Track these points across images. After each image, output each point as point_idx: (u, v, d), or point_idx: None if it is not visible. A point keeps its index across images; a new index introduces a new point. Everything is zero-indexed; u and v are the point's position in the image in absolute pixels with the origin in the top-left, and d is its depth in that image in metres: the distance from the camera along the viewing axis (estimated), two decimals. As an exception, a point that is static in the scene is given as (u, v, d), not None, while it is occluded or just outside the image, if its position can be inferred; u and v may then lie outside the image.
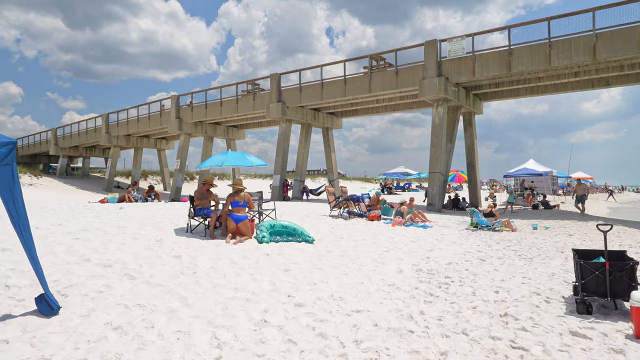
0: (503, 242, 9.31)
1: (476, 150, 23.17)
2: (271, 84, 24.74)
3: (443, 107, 19.08)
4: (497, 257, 7.28)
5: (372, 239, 8.69)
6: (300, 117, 25.07)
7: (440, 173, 18.83)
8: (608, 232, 5.48)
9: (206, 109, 28.27)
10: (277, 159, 24.93)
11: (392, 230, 10.11)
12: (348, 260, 6.57)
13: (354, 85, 21.53)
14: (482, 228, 11.46)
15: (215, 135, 31.92)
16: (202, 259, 5.91)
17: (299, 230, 7.89)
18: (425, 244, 8.53)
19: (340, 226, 10.05)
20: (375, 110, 26.19)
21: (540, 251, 8.03)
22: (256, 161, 8.12)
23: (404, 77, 19.91)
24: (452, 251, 7.77)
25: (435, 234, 10.03)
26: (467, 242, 8.96)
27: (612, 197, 43.06)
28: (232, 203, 7.55)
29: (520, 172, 25.78)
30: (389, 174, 37.23)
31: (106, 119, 35.90)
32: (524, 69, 16.92)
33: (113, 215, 9.15)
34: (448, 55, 18.63)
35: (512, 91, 21.62)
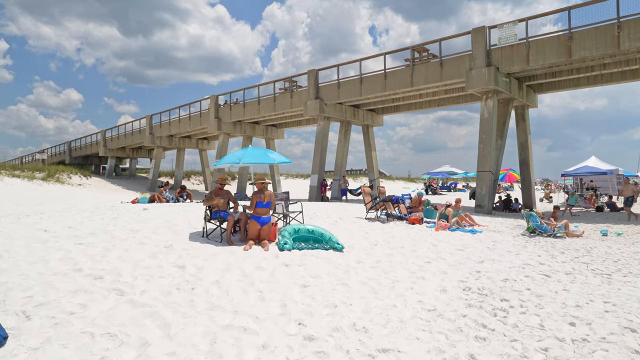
0: (569, 251, 7.90)
1: (530, 147, 21.23)
2: (308, 80, 23.97)
3: (493, 100, 17.46)
4: (564, 272, 5.99)
5: (411, 246, 7.59)
6: (339, 114, 24.12)
7: (490, 172, 17.24)
8: None
9: (244, 108, 27.97)
10: (314, 158, 24.12)
11: (435, 236, 8.94)
12: (381, 273, 5.55)
13: (395, 79, 20.30)
14: (540, 234, 10.01)
15: (254, 134, 31.64)
16: (208, 269, 5.11)
17: (327, 236, 6.96)
18: (474, 253, 7.32)
19: (376, 231, 9.00)
20: (418, 106, 24.77)
21: (618, 264, 6.61)
22: (278, 158, 7.26)
23: (449, 68, 18.45)
24: (508, 263, 6.53)
25: (486, 241, 8.75)
26: (524, 252, 7.64)
27: None
28: (257, 203, 6.73)
29: (580, 171, 23.46)
30: (434, 173, 35.46)
31: (150, 120, 36.64)
32: (586, 55, 15.05)
33: (132, 217, 8.62)
34: (498, 43, 17.01)
35: (571, 81, 19.54)
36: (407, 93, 21.44)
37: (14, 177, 27.67)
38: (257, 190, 6.80)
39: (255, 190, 6.81)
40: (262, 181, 6.82)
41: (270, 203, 6.85)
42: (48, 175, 31.18)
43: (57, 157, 48.03)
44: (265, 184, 6.83)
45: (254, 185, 6.83)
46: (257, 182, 6.81)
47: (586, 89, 20.40)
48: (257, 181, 6.83)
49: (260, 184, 6.82)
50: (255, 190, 6.81)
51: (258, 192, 6.77)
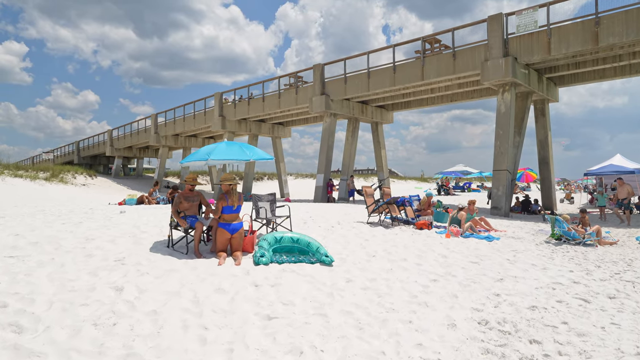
0: (605, 264, 6.63)
1: (550, 144, 19.77)
2: (314, 75, 22.86)
3: (510, 93, 16.11)
4: (607, 296, 4.76)
5: (416, 258, 6.41)
6: (346, 111, 22.97)
7: (508, 171, 15.89)
8: None
9: (249, 105, 27.00)
10: (320, 156, 23.01)
11: (445, 244, 7.74)
12: (373, 297, 4.41)
13: (405, 72, 19.05)
14: (567, 241, 8.73)
15: (260, 133, 30.68)
16: (152, 293, 4.04)
17: (315, 246, 5.84)
18: (492, 267, 6.12)
19: (377, 238, 7.85)
20: (430, 102, 23.46)
21: (671, 284, 5.35)
22: (256, 154, 6.15)
23: (462, 60, 17.14)
24: (534, 282, 5.32)
25: (505, 250, 7.52)
26: (552, 265, 6.40)
27: None
28: (224, 208, 5.65)
29: (604, 170, 21.85)
30: (446, 173, 34.00)
31: (155, 119, 35.98)
32: (615, 41, 13.63)
33: (99, 222, 7.62)
34: (517, 31, 15.65)
35: (596, 72, 18.04)
36: (418, 87, 20.20)
37: (17, 177, 27.19)
38: (223, 193, 5.70)
39: (222, 193, 5.71)
40: (230, 182, 5.72)
41: (240, 207, 5.76)
42: (52, 175, 30.71)
43: (65, 157, 47.84)
44: (232, 185, 5.73)
45: (221, 187, 5.73)
46: (224, 184, 5.70)
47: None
48: (223, 181, 5.72)
49: (226, 185, 5.71)
50: (222, 193, 5.71)
51: (225, 195, 5.66)
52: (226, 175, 5.78)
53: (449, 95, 22.28)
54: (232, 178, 5.75)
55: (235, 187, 5.74)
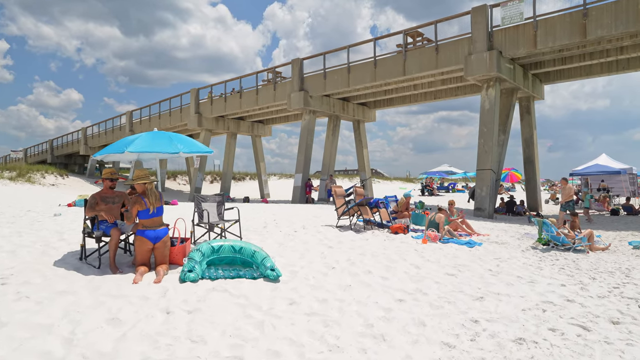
0: (600, 275, 5.76)
1: (535, 143, 19.09)
2: (292, 70, 21.86)
3: (495, 89, 15.34)
4: (609, 319, 3.86)
5: (383, 269, 5.46)
6: (326, 108, 22.02)
7: (492, 170, 15.10)
8: None
9: (225, 102, 25.87)
10: (298, 156, 22.02)
11: (420, 251, 6.81)
12: (317, 326, 3.43)
13: (386, 67, 18.18)
14: (555, 246, 7.89)
15: (238, 131, 29.56)
16: (11, 328, 2.99)
17: (260, 256, 4.84)
18: (471, 280, 5.19)
19: (343, 244, 6.88)
20: (413, 99, 22.64)
21: (682, 302, 4.49)
22: (188, 147, 5.13)
23: (445, 54, 16.33)
24: (520, 300, 4.40)
25: (487, 259, 6.62)
26: (541, 277, 5.50)
27: None
28: (139, 213, 4.61)
29: (590, 170, 21.34)
30: (431, 173, 33.29)
31: (130, 116, 34.57)
32: (604, 34, 12.93)
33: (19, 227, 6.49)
34: (502, 23, 14.89)
35: (583, 68, 17.39)
36: (400, 84, 19.33)
37: (-23, 176, 25.64)
38: (137, 194, 4.63)
39: (135, 195, 4.64)
40: (143, 180, 4.65)
41: (162, 209, 4.74)
42: (19, 174, 29.14)
43: (38, 157, 46.02)
44: (146, 184, 4.66)
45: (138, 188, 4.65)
46: (138, 182, 4.63)
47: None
48: (136, 180, 4.65)
49: (140, 184, 4.64)
50: (135, 195, 4.64)
51: (140, 197, 4.61)
52: (139, 172, 4.71)
53: (432, 93, 21.49)
54: (146, 175, 4.70)
55: (151, 186, 4.70)
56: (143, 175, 4.66)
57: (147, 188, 4.65)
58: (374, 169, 75.49)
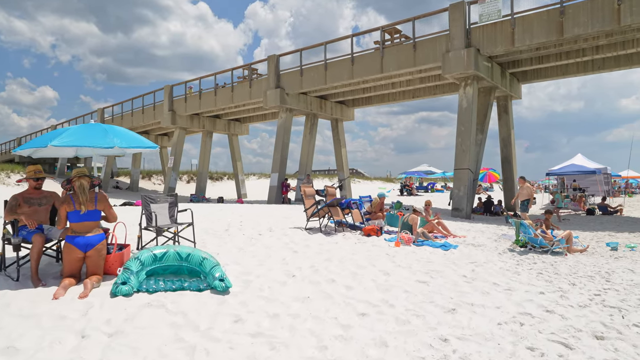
0: (580, 280, 5.42)
1: (513, 142, 19.00)
2: (268, 67, 21.27)
3: (472, 88, 15.11)
4: (592, 334, 3.47)
5: (349, 277, 4.98)
6: (303, 106, 21.51)
7: (469, 169, 14.86)
8: None
9: (200, 99, 25.09)
10: (275, 155, 21.47)
11: (392, 255, 6.37)
12: (261, 350, 2.92)
13: (363, 64, 17.78)
14: (533, 248, 7.57)
15: (214, 130, 28.78)
16: None
17: (209, 264, 4.30)
18: (444, 288, 4.76)
19: (310, 248, 6.38)
20: (391, 98, 22.33)
21: (667, 311, 4.15)
22: (126, 142, 4.53)
23: (423, 51, 16.03)
24: (495, 313, 3.98)
25: (462, 263, 6.22)
26: (518, 284, 5.11)
27: None
28: (69, 215, 4.02)
29: (566, 169, 21.38)
30: (410, 173, 33.14)
31: (101, 114, 33.38)
32: (580, 32, 12.80)
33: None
34: (479, 20, 14.65)
35: (560, 68, 17.34)
36: (378, 81, 18.96)
37: None
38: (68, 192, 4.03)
39: (67, 192, 4.06)
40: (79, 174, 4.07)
41: (99, 213, 4.17)
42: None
43: (5, 155, 44.15)
44: (73, 180, 4.07)
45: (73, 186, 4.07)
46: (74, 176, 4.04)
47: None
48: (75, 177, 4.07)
49: (76, 178, 4.06)
50: (67, 192, 4.06)
51: (69, 196, 4.02)
52: (77, 170, 4.14)
53: (411, 91, 21.22)
54: (84, 172, 4.11)
55: (84, 184, 4.11)
56: (82, 171, 4.08)
57: (76, 185, 4.05)
58: (354, 169, 75.26)
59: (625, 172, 31.12)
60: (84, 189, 4.17)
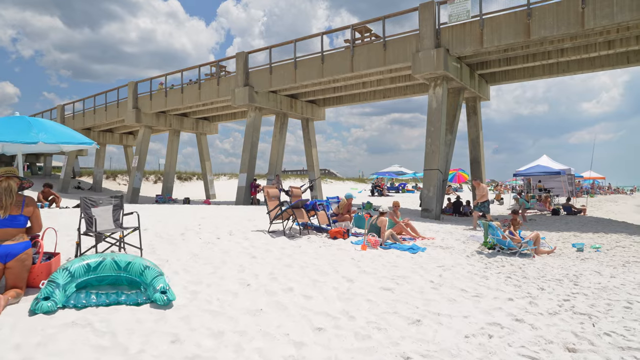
0: (549, 284, 5.26)
1: (482, 143, 19.16)
2: (237, 64, 20.70)
3: (442, 88, 15.06)
4: (564, 346, 3.24)
5: (309, 285, 4.62)
6: (273, 105, 21.04)
7: (439, 170, 14.80)
8: None
9: (166, 97, 24.22)
10: (243, 154, 20.91)
11: (357, 259, 6.06)
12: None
13: (333, 63, 17.51)
14: (501, 250, 7.44)
15: (182, 128, 27.92)
16: None
17: (150, 275, 3.85)
18: (409, 296, 4.47)
19: (271, 253, 5.99)
20: (362, 98, 22.17)
21: (634, 311, 3.99)
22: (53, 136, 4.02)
23: (393, 50, 15.89)
24: (462, 323, 3.71)
25: (430, 267, 5.97)
26: (486, 290, 4.89)
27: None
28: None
29: (532, 170, 21.77)
30: (381, 173, 33.15)
31: (61, 110, 31.88)
32: (547, 34, 12.91)
33: None
34: (449, 20, 14.63)
35: (526, 70, 17.59)
36: (349, 80, 18.74)
37: None
38: None
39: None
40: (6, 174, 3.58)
41: (24, 219, 3.66)
42: None
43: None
44: (9, 181, 3.59)
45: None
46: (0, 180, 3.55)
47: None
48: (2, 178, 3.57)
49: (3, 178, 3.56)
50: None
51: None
52: (3, 170, 3.61)
53: (381, 91, 21.11)
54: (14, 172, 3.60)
55: (12, 186, 3.60)
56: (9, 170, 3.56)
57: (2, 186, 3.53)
58: (326, 170, 75.12)
59: (587, 173, 32.10)
60: (11, 191, 3.65)
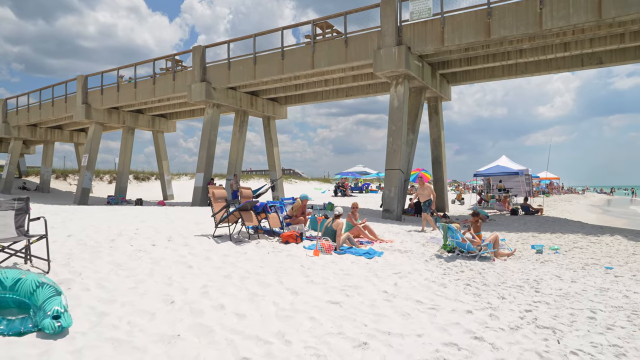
0: (509, 292, 4.89)
1: (443, 143, 19.11)
2: (193, 59, 19.75)
3: (404, 86, 14.81)
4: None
5: (245, 300, 4.03)
6: (232, 102, 20.22)
7: (400, 170, 14.52)
8: None
9: (118, 92, 22.85)
10: (200, 153, 19.97)
11: (307, 267, 5.51)
12: None
13: (294, 59, 16.93)
14: (460, 253, 7.10)
15: (136, 126, 26.51)
16: None
17: (42, 296, 3.14)
18: (359, 311, 3.96)
19: (210, 262, 5.34)
20: (325, 96, 21.69)
21: (598, 323, 3.65)
22: None
23: (355, 47, 15.49)
24: (416, 344, 3.23)
25: (385, 274, 5.51)
26: (444, 301, 4.45)
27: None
28: None
29: (492, 171, 22.05)
30: (345, 174, 32.86)
31: (4, 105, 29.62)
32: (507, 34, 12.86)
33: None
34: (410, 18, 14.37)
35: (487, 70, 17.65)
36: (310, 78, 18.20)
37: None
38: None
39: None
40: None
41: None
42: None
43: None
44: None
45: None
46: None
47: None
48: None
49: None
50: None
51: None
52: None
53: (344, 90, 20.73)
54: None
55: None
56: None
57: None
58: (291, 169, 74.40)
59: (543, 174, 33.06)
60: None
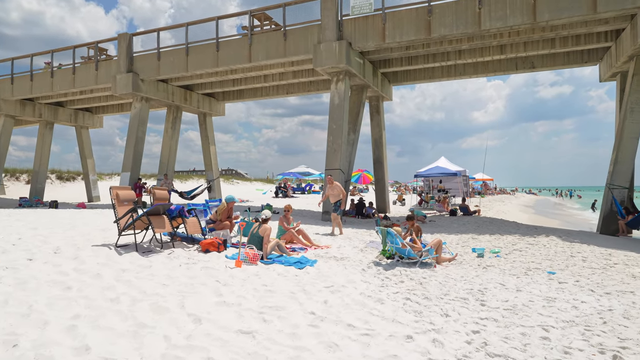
0: (452, 305, 4.32)
1: (384, 143, 18.84)
2: (119, 48, 18.00)
3: (345, 84, 14.25)
4: None
5: (129, 335, 3.07)
6: (163, 95, 18.69)
7: (341, 170, 13.93)
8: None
9: (32, 81, 20.42)
10: (126, 150, 18.24)
11: (224, 283, 4.61)
12: None
13: (230, 51, 15.84)
14: (400, 259, 6.52)
15: (56, 120, 23.96)
16: None
17: None
18: (274, 346, 3.14)
19: (100, 280, 4.29)
20: (264, 93, 20.73)
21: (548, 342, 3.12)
22: None
23: (294, 41, 14.71)
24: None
25: (315, 290, 4.74)
26: (380, 321, 3.76)
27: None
28: None
29: (431, 172, 22.21)
30: (287, 174, 32.01)
31: None
32: (447, 33, 12.69)
33: None
34: (351, 12, 13.85)
35: (427, 71, 17.60)
36: (248, 72, 17.17)
37: None
38: None
39: None
40: None
41: None
42: None
43: None
44: None
45: None
46: None
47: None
48: None
49: None
50: None
51: None
52: None
53: (284, 86, 19.91)
54: None
55: None
56: None
57: None
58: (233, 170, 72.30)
59: (479, 175, 34.24)
60: None
